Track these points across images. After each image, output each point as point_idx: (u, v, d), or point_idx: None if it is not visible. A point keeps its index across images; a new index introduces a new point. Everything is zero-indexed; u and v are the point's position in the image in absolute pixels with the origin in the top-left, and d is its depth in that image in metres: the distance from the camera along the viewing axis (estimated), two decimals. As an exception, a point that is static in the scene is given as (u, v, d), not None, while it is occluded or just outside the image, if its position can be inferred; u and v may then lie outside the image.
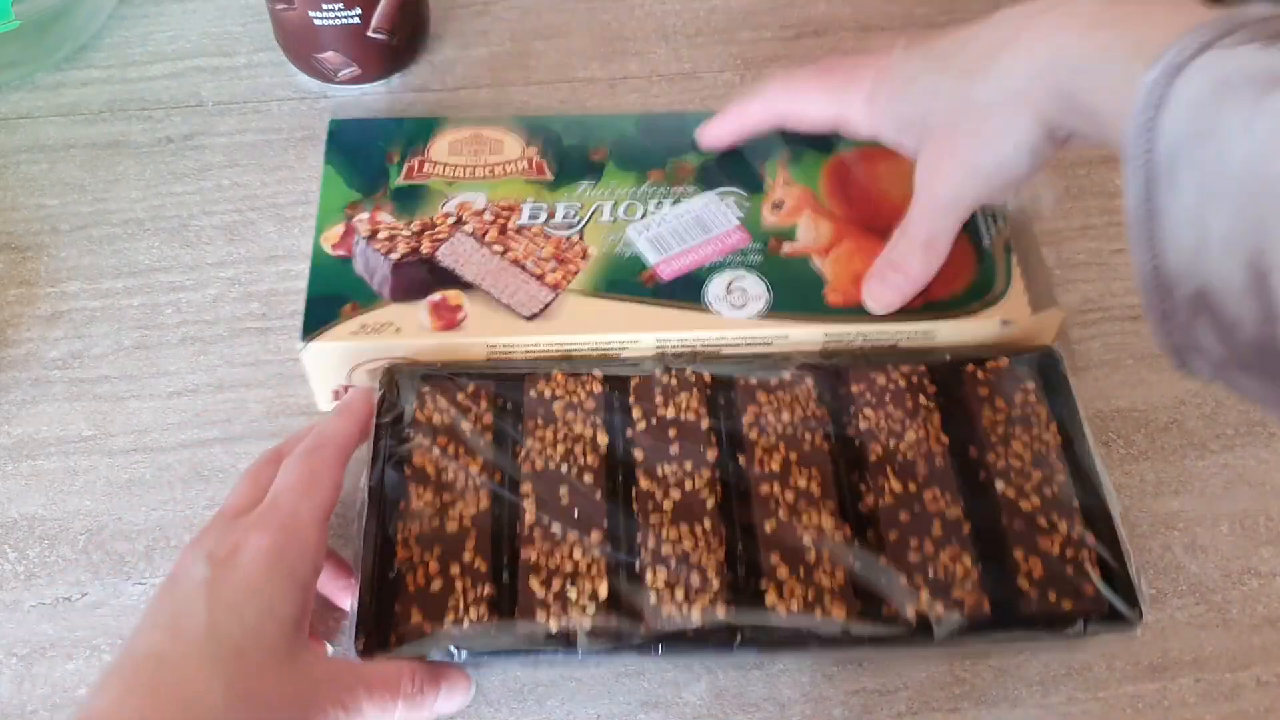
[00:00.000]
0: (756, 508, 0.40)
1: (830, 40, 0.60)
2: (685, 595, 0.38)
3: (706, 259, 0.46)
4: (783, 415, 0.42)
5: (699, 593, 0.38)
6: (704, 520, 0.40)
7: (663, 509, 0.40)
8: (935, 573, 0.39)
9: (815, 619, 0.38)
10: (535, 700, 0.40)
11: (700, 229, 0.47)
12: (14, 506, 0.44)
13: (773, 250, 0.46)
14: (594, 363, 0.44)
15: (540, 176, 0.49)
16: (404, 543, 0.39)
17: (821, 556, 0.39)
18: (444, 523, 0.40)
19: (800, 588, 0.38)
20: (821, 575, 0.39)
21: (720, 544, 0.39)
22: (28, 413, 0.46)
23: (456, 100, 0.57)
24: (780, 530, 0.40)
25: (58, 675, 0.40)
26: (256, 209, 0.53)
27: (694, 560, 0.39)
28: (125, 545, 0.43)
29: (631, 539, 0.40)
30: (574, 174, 0.49)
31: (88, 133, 0.56)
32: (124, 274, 0.50)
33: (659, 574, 0.39)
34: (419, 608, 0.38)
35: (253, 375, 0.47)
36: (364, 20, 0.54)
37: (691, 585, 0.38)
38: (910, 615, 0.38)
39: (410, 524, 0.40)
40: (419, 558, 0.39)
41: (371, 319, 0.43)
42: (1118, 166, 0.55)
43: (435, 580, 0.38)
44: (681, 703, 0.40)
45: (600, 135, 0.51)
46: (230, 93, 0.57)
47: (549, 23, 0.61)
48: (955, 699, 0.40)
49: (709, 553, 0.39)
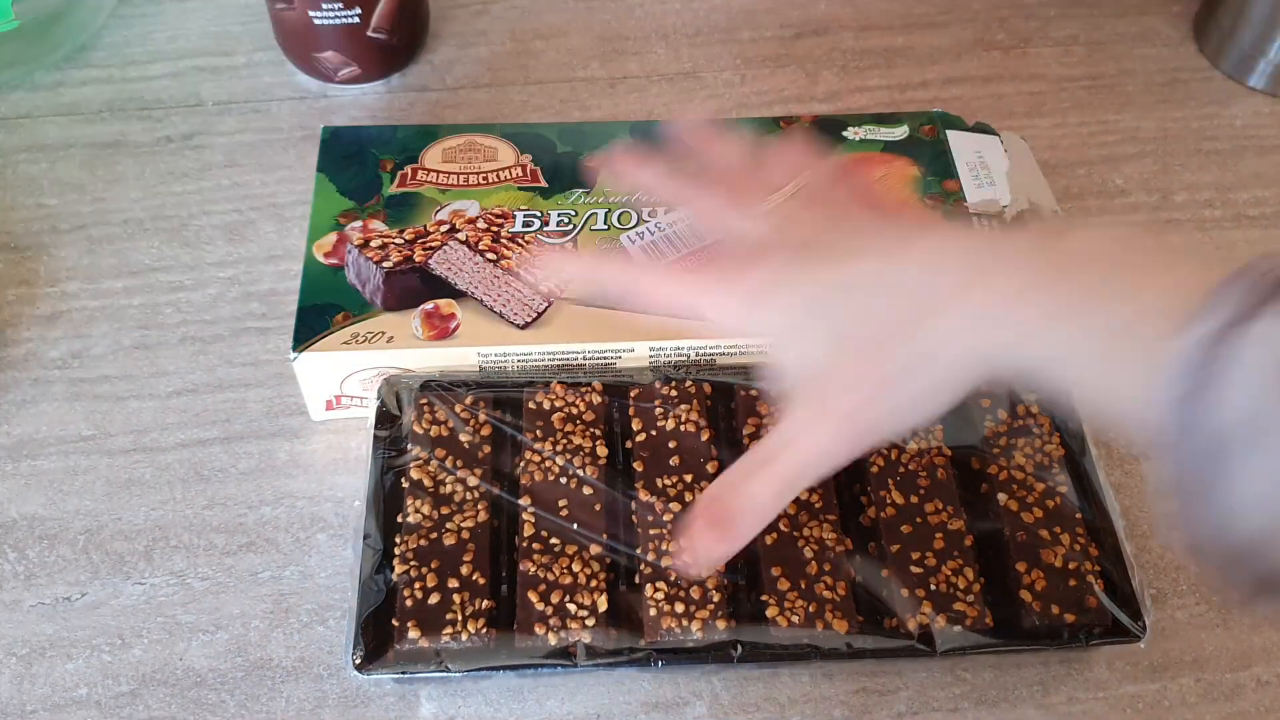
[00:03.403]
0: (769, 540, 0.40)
1: (830, 40, 0.60)
2: (685, 609, 0.38)
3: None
4: None
5: (699, 606, 0.38)
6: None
7: (663, 522, 0.40)
8: (937, 585, 0.39)
9: (817, 631, 0.38)
10: (535, 700, 0.40)
11: (694, 236, 0.47)
12: (14, 506, 0.44)
13: None
14: (593, 374, 0.44)
15: (534, 184, 0.49)
16: (402, 556, 0.39)
17: (823, 569, 0.39)
18: (442, 535, 0.40)
19: (802, 601, 0.38)
20: (823, 588, 0.39)
21: (717, 576, 0.39)
22: (27, 413, 0.46)
23: (456, 100, 0.57)
24: (781, 543, 0.40)
25: (57, 675, 0.40)
26: (256, 209, 0.53)
27: (692, 592, 0.39)
28: (125, 545, 0.43)
29: (631, 552, 0.39)
30: (567, 182, 0.49)
31: (87, 132, 0.56)
32: (124, 274, 0.50)
33: (659, 588, 0.39)
34: (417, 622, 0.38)
35: (252, 375, 0.47)
36: (363, 20, 0.54)
37: (692, 599, 0.38)
38: (912, 628, 0.38)
39: (408, 537, 0.40)
40: (417, 571, 0.39)
41: (364, 328, 0.43)
42: (1118, 164, 0.55)
43: (433, 594, 0.38)
44: (681, 702, 0.40)
45: (594, 143, 0.51)
46: (230, 92, 0.57)
47: (548, 23, 0.61)
48: (955, 699, 0.40)
49: (711, 582, 0.39)
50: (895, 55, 0.60)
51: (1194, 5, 0.62)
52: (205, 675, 0.40)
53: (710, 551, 0.36)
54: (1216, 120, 0.58)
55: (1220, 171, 0.53)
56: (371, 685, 0.39)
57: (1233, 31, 0.58)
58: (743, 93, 0.58)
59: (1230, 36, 0.58)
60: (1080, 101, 0.58)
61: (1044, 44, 0.61)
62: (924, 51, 0.60)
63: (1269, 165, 0.56)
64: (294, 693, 0.39)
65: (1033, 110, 0.57)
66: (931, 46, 0.60)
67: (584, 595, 0.38)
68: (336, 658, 0.40)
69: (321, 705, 0.39)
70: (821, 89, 0.58)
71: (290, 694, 0.39)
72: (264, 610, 0.41)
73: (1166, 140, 0.56)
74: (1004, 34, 0.61)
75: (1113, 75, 0.59)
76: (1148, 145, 0.55)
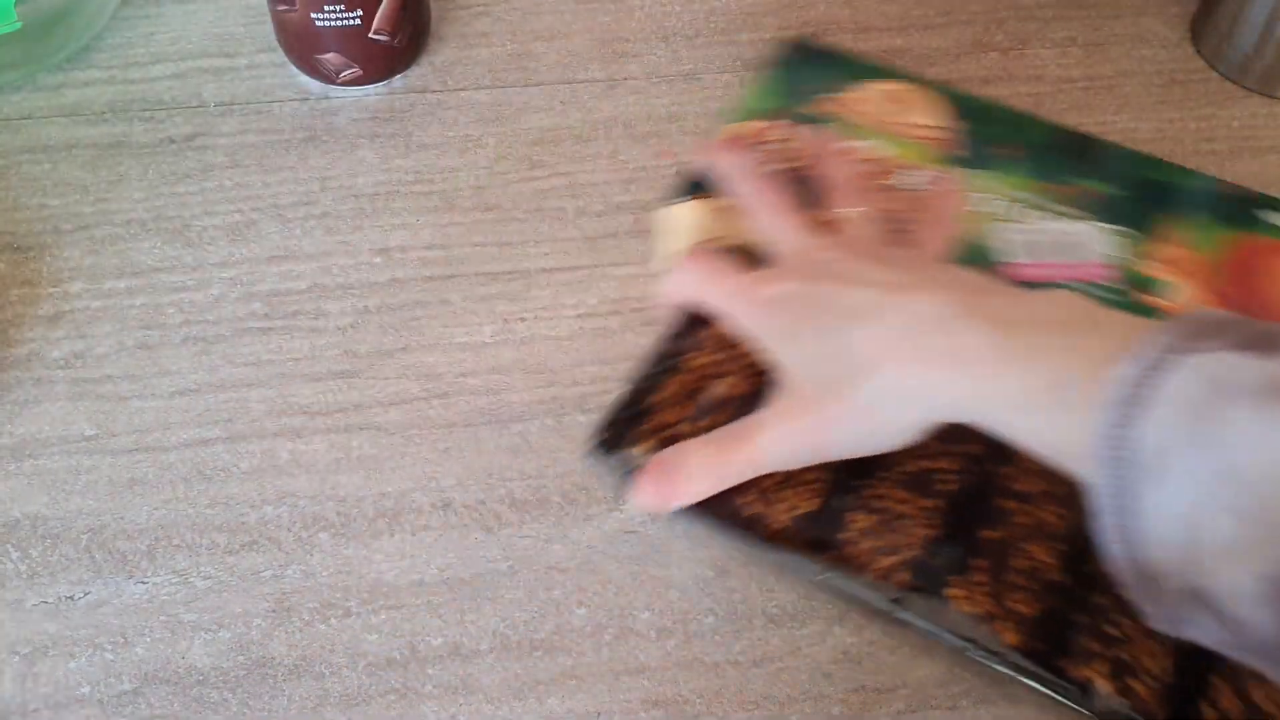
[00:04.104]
0: (988, 511, 0.40)
1: (830, 40, 0.60)
2: (880, 549, 0.39)
3: (1068, 278, 0.46)
4: None
5: (892, 551, 0.39)
6: (929, 497, 0.40)
7: (897, 470, 0.41)
8: (1127, 655, 0.37)
9: (984, 630, 0.38)
10: (536, 698, 0.40)
11: (1072, 250, 0.48)
12: (17, 506, 0.44)
13: (1134, 295, 0.46)
14: None
15: (949, 151, 0.50)
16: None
17: (1026, 584, 0.39)
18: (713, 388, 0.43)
19: (988, 598, 0.38)
20: (1016, 599, 0.38)
21: (931, 525, 0.40)
22: (30, 412, 0.46)
23: (457, 101, 0.58)
24: (999, 541, 0.40)
25: (60, 674, 0.40)
26: (258, 209, 0.53)
27: (899, 525, 0.40)
28: (128, 544, 0.43)
29: (861, 483, 0.41)
30: (979, 160, 0.50)
31: (90, 133, 0.56)
32: (126, 274, 0.51)
33: (859, 519, 0.40)
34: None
35: (255, 375, 0.48)
36: (365, 22, 0.54)
37: (891, 544, 0.39)
38: (1077, 675, 0.37)
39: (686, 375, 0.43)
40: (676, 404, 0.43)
41: (733, 207, 0.45)
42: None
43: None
44: (681, 700, 0.40)
45: (1015, 134, 0.52)
46: (232, 93, 0.58)
47: (549, 24, 0.61)
48: (954, 697, 0.40)
49: (916, 523, 0.40)
50: (894, 56, 0.60)
51: (1191, 7, 0.62)
52: (207, 674, 0.40)
53: (644, 500, 0.41)
54: (1214, 121, 0.58)
55: (1217, 172, 0.53)
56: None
57: (1230, 33, 0.58)
58: (742, 94, 0.58)
59: (1228, 38, 0.59)
60: (1078, 103, 0.58)
61: (1042, 45, 0.61)
62: (922, 53, 0.60)
63: (1266, 166, 0.56)
64: (295, 691, 0.40)
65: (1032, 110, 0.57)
66: (930, 48, 0.60)
67: (788, 492, 0.41)
68: (338, 656, 0.40)
69: (323, 704, 0.39)
70: (821, 90, 0.58)
71: (292, 693, 0.40)
72: (266, 609, 0.41)
73: (1164, 141, 0.57)
74: (1002, 35, 0.61)
75: (1110, 76, 0.60)
76: (1145, 146, 0.55)
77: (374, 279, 0.51)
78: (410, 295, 0.50)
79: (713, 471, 0.41)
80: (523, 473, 0.45)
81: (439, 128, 0.57)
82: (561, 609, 0.42)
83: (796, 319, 0.40)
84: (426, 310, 0.50)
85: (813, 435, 0.39)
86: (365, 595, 0.42)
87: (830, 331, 0.38)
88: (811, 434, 0.39)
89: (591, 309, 0.50)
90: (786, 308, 0.40)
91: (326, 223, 0.53)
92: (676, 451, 0.41)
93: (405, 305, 0.50)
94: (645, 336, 0.48)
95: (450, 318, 0.49)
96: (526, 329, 0.49)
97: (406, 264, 0.51)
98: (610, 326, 0.49)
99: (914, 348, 0.36)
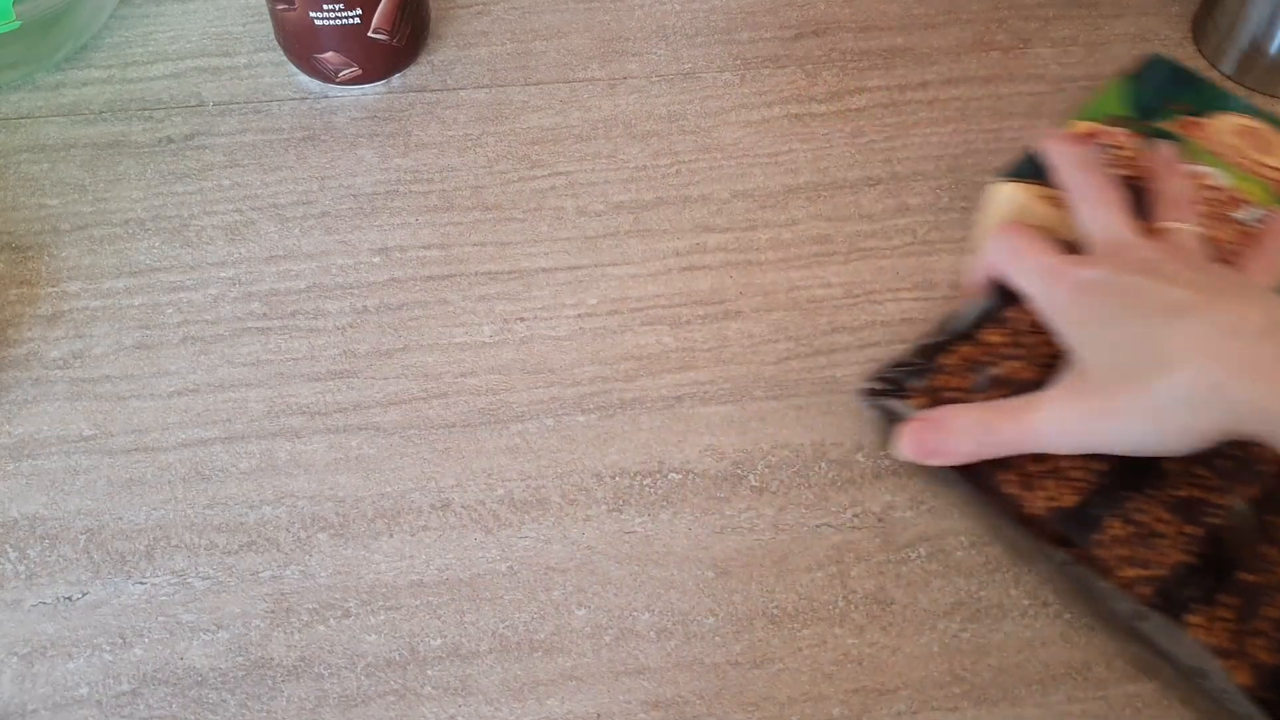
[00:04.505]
0: (1251, 555, 0.39)
1: (829, 40, 0.60)
2: (1130, 559, 0.39)
3: None
4: None
5: (1141, 565, 0.39)
6: (1193, 524, 0.39)
7: (1167, 491, 0.40)
8: None
9: (1217, 662, 0.37)
10: (535, 700, 0.40)
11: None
12: (15, 506, 0.44)
13: None
14: None
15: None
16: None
17: (1272, 632, 0.38)
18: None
19: (1229, 635, 0.38)
20: (1258, 644, 0.38)
21: (1187, 552, 0.39)
22: (28, 412, 0.46)
23: (456, 100, 0.57)
24: (1255, 585, 0.39)
25: (58, 674, 0.40)
26: (257, 209, 0.53)
27: (1155, 543, 0.39)
28: (126, 544, 0.43)
29: (1126, 494, 0.40)
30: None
31: (88, 133, 0.56)
32: (125, 274, 0.51)
33: (1116, 526, 0.39)
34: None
35: (254, 375, 0.47)
36: (364, 21, 0.54)
37: (1142, 558, 0.39)
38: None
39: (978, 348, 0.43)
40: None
41: (1058, 198, 0.45)
42: (1117, 167, 0.55)
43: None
44: (681, 701, 0.40)
45: None
46: (231, 93, 0.58)
47: (549, 23, 0.61)
48: (954, 698, 0.40)
49: (1173, 546, 0.39)
50: (895, 55, 0.60)
51: (1192, 6, 0.62)
52: (206, 674, 0.40)
53: (907, 449, 0.42)
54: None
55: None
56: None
57: (1231, 32, 0.58)
58: (742, 93, 0.58)
59: (1228, 37, 0.59)
60: (1079, 102, 0.58)
61: (1043, 44, 0.61)
62: (923, 52, 0.60)
63: (1268, 166, 0.56)
64: (294, 692, 0.40)
65: (1032, 110, 0.57)
66: (931, 47, 0.60)
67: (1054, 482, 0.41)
68: (337, 657, 0.40)
69: (322, 705, 0.39)
70: (821, 89, 0.58)
71: (290, 693, 0.39)
72: (264, 610, 0.41)
73: (1165, 141, 0.57)
74: (1003, 34, 0.61)
75: (1112, 75, 0.59)
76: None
77: (373, 279, 0.51)
78: (409, 295, 0.50)
79: (980, 436, 0.41)
80: (522, 473, 0.45)
81: (438, 127, 0.56)
82: (561, 610, 0.42)
83: (1106, 305, 0.39)
84: (425, 310, 0.50)
85: (1092, 421, 0.38)
86: (364, 596, 0.42)
87: (1139, 322, 0.38)
88: (1091, 419, 0.38)
89: (591, 309, 0.50)
90: (1098, 292, 0.39)
91: (325, 222, 0.53)
92: (948, 410, 0.42)
93: (404, 305, 0.50)
94: (645, 336, 0.48)
95: (449, 318, 0.49)
96: (526, 329, 0.49)
97: (405, 264, 0.51)
98: (610, 326, 0.49)
99: (1230, 351, 0.36)
